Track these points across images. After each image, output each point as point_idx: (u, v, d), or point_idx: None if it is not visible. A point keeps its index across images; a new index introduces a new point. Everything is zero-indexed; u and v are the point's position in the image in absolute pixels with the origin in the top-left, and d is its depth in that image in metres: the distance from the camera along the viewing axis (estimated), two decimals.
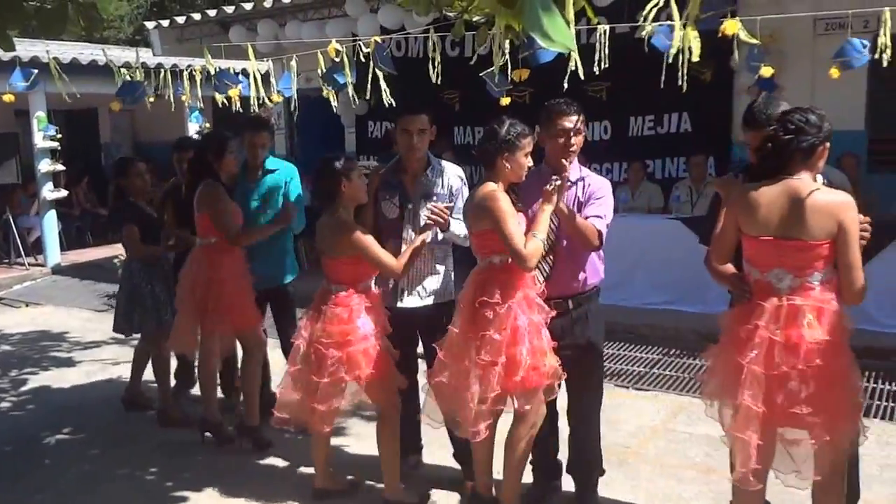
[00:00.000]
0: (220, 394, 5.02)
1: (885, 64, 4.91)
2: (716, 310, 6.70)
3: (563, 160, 3.56)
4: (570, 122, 3.55)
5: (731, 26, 4.21)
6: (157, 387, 5.32)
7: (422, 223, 3.86)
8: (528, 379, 3.32)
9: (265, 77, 6.89)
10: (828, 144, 2.96)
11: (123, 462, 4.62)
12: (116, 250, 9.10)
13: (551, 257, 3.62)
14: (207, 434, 4.81)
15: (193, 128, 11.40)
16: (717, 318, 3.28)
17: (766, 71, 5.42)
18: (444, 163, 4.14)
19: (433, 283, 4.05)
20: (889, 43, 4.95)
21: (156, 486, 4.32)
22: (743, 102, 7.92)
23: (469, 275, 3.54)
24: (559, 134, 3.56)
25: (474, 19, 4.20)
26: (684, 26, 3.26)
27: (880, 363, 5.58)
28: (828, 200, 2.84)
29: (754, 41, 4.92)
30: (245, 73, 7.05)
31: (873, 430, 4.06)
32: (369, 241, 3.75)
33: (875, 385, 5.44)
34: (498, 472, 3.60)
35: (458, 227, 3.85)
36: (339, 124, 10.85)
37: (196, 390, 5.33)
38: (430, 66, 5.39)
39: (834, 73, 5.63)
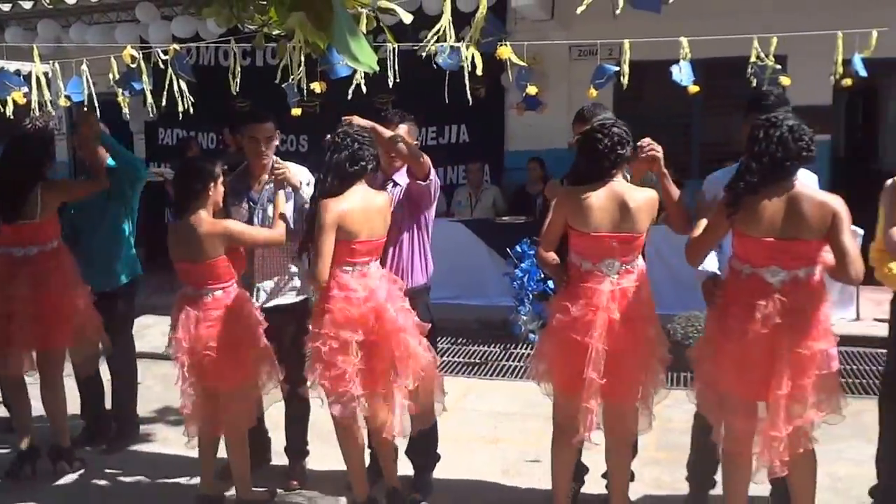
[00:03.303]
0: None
1: (624, 87, 5.61)
2: (496, 303, 7.28)
3: None
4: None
5: (504, 51, 4.66)
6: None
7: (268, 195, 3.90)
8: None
9: (45, 80, 6.51)
10: None
11: None
12: None
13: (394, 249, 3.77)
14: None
15: None
16: (497, 309, 3.61)
17: (532, 89, 6.00)
18: (291, 164, 4.10)
19: (287, 281, 4.04)
20: (627, 69, 5.67)
21: None
22: (513, 116, 8.64)
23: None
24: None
25: (274, 33, 4.32)
26: (467, 47, 3.60)
27: None
28: (647, 198, 3.26)
29: (522, 63, 5.45)
30: (19, 74, 6.61)
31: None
32: (241, 225, 3.71)
33: None
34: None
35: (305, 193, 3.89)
36: (127, 130, 10.37)
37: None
38: (230, 76, 5.41)
39: (592, 93, 6.33)
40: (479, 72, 3.80)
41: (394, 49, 5.36)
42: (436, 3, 4.88)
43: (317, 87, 5.08)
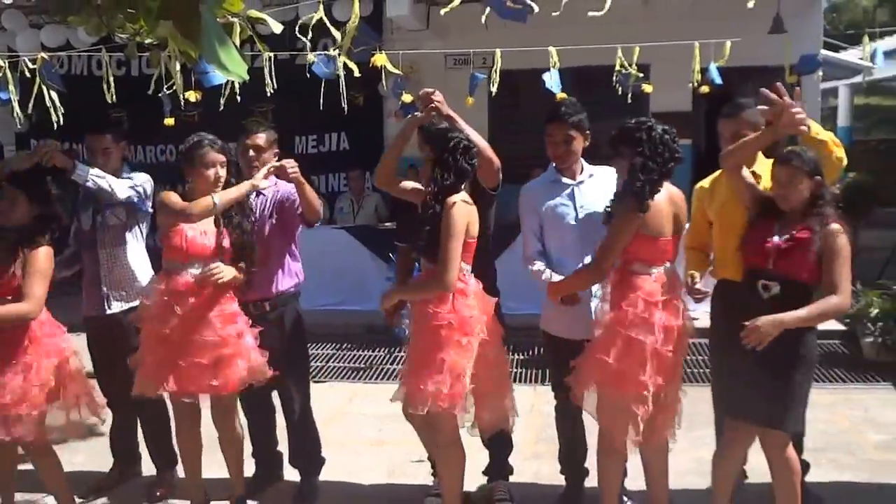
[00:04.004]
0: None
1: (493, 95, 5.84)
2: (379, 308, 7.30)
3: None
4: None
5: (379, 59, 4.70)
6: None
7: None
8: None
9: None
10: None
11: None
12: None
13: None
14: None
15: None
16: (380, 314, 3.65)
17: (407, 97, 6.08)
18: (134, 174, 4.02)
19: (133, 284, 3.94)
20: (498, 77, 5.86)
21: None
22: (392, 124, 8.70)
23: None
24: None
25: (146, 42, 4.21)
26: (339, 56, 3.63)
27: (510, 338, 6.39)
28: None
29: (397, 72, 5.52)
30: None
31: None
32: None
33: (510, 356, 6.28)
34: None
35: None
36: None
37: None
38: (105, 85, 5.23)
39: (469, 101, 6.49)
40: (354, 80, 3.84)
41: (270, 58, 5.32)
42: (311, 11, 4.88)
43: (192, 95, 4.98)
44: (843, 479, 4.03)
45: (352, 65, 3.87)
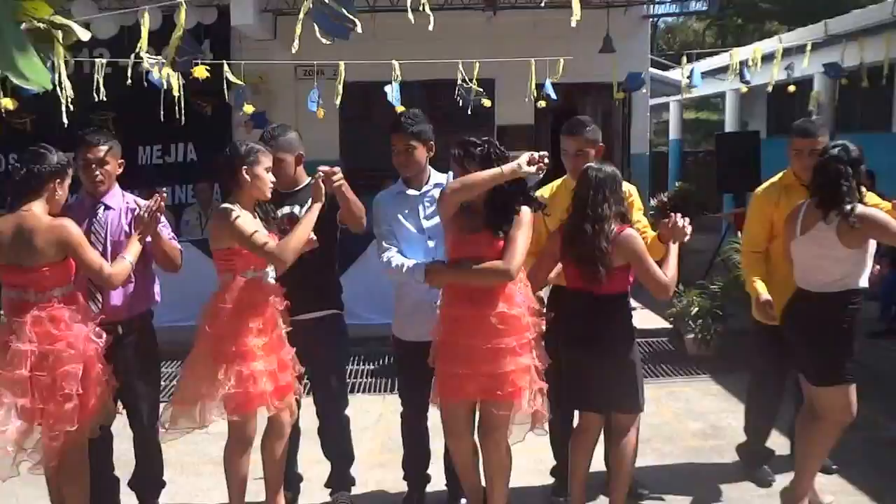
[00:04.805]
0: None
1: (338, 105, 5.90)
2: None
3: None
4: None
5: (199, 71, 4.61)
6: None
7: None
8: None
9: None
10: None
11: None
12: None
13: None
14: None
15: None
16: None
17: (248, 108, 5.99)
18: None
19: None
20: (342, 89, 5.87)
21: None
22: (240, 133, 8.49)
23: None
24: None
25: None
26: (165, 66, 3.51)
27: (362, 349, 6.39)
28: None
29: (240, 83, 5.41)
30: None
31: (358, 401, 4.74)
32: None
33: (359, 367, 6.27)
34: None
35: None
36: None
37: None
38: None
39: (320, 113, 6.45)
40: (174, 91, 3.71)
41: (102, 65, 5.08)
42: (153, 19, 4.68)
43: (8, 103, 4.65)
44: (665, 464, 4.33)
45: (173, 76, 3.75)
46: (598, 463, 3.62)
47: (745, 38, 14.45)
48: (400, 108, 5.81)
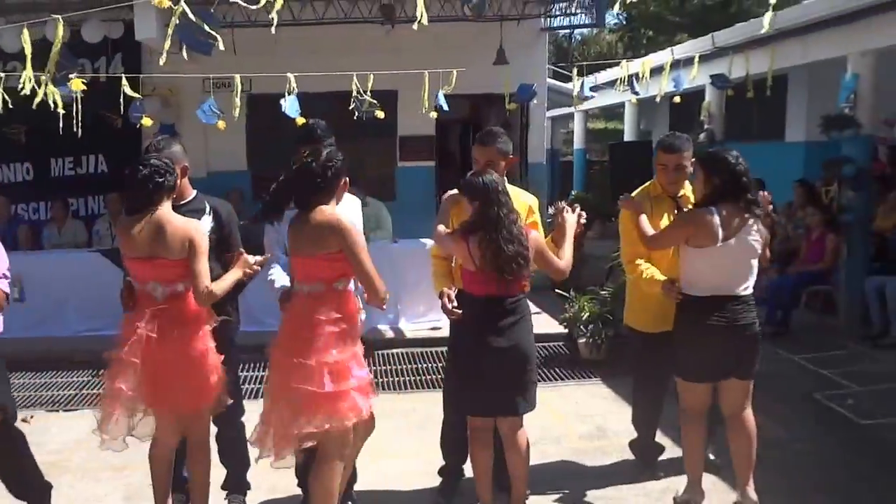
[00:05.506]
0: None
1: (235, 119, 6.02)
2: None
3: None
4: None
5: (76, 84, 4.71)
6: None
7: None
8: None
9: None
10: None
11: None
12: None
13: None
14: None
15: None
16: None
17: (147, 121, 6.10)
18: None
19: None
20: (239, 102, 5.97)
21: None
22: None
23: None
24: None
25: None
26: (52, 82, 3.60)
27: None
28: None
29: (137, 95, 5.47)
30: None
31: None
32: None
33: (260, 374, 6.00)
34: None
35: None
36: None
37: None
38: None
39: (221, 125, 6.52)
40: (60, 108, 3.74)
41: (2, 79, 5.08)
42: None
43: None
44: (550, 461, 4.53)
45: (53, 91, 3.79)
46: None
47: (655, 49, 14.96)
48: (300, 121, 5.83)
